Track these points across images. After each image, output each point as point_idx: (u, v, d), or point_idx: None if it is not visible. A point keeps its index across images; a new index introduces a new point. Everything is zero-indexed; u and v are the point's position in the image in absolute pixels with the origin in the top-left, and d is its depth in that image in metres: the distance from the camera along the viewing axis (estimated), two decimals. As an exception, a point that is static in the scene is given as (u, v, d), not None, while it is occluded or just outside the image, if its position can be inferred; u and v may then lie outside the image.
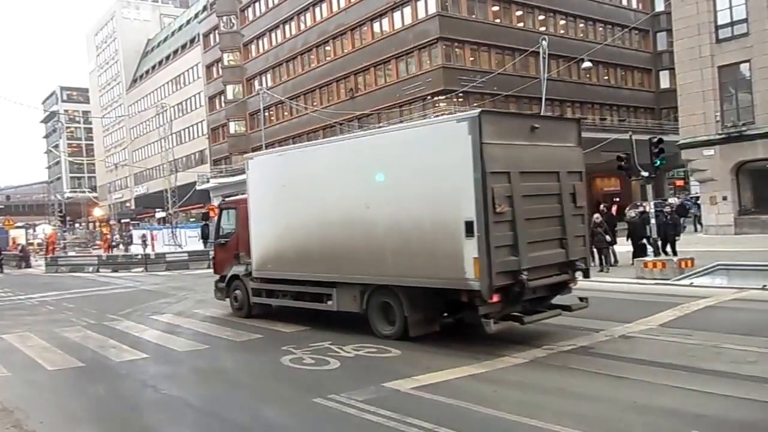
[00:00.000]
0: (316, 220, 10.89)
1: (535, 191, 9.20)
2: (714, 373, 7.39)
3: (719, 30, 24.49)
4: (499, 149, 8.75)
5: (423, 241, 9.25)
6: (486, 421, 6.19)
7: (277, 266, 11.83)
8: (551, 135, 9.77)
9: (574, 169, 9.92)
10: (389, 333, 9.93)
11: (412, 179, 9.41)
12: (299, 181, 11.35)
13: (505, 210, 8.63)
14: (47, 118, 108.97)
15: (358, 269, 10.22)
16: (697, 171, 26.37)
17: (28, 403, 7.61)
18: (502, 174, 8.72)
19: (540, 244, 9.22)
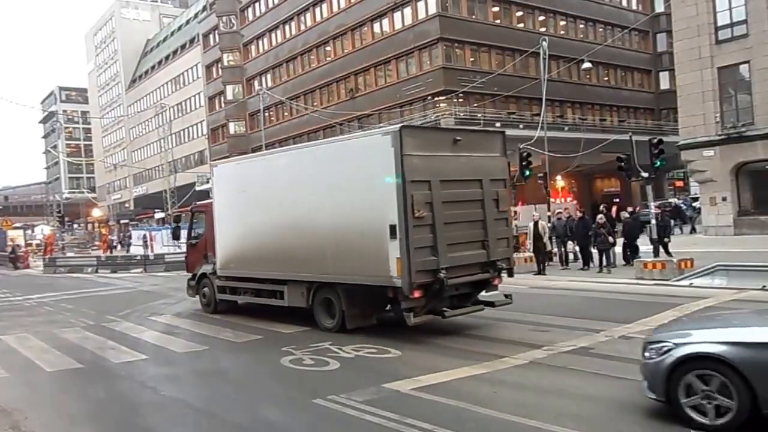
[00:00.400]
0: (270, 224, 11.98)
1: (456, 198, 10.10)
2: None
3: (719, 31, 24.50)
4: (420, 160, 9.71)
5: (356, 242, 10.22)
6: (486, 422, 6.18)
7: (238, 265, 12.89)
8: (475, 146, 10.82)
9: (497, 177, 10.82)
10: (330, 326, 10.85)
11: (346, 187, 10.47)
12: (256, 188, 12.44)
13: (424, 215, 9.56)
14: (46, 118, 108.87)
15: (304, 268, 11.20)
16: (696, 172, 26.38)
17: (27, 404, 7.60)
18: (422, 182, 9.65)
19: (460, 245, 10.10)
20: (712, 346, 5.65)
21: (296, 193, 11.44)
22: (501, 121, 38.21)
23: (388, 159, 9.55)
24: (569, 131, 40.54)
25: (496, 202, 10.62)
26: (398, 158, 9.46)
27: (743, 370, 5.36)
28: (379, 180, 9.77)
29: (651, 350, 6.08)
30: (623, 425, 6.00)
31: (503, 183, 11.02)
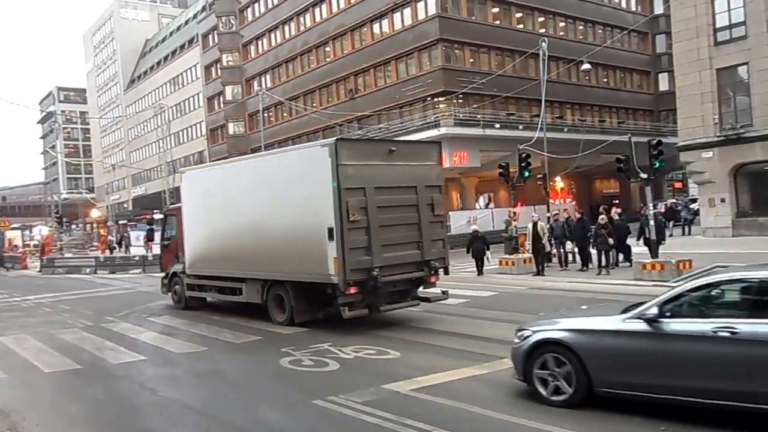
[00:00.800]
0: (230, 227, 13.07)
1: (391, 203, 11.05)
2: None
3: (718, 33, 24.50)
4: (354, 169, 10.65)
5: (300, 244, 11.25)
6: (484, 423, 6.18)
7: (204, 265, 14.01)
8: (411, 156, 11.89)
9: (433, 183, 11.85)
10: (281, 320, 11.85)
11: (291, 194, 11.48)
12: (218, 194, 13.50)
13: (359, 219, 10.51)
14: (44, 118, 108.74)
15: (259, 268, 12.27)
16: (695, 173, 26.38)
17: (25, 405, 7.59)
18: (357, 189, 10.59)
19: (395, 246, 11.04)
20: (557, 332, 6.62)
21: (250, 199, 12.54)
22: (500, 121, 38.28)
23: (325, 168, 10.49)
24: (568, 132, 40.60)
25: (431, 207, 11.59)
26: (334, 167, 10.39)
27: (578, 352, 6.33)
28: (318, 187, 10.70)
29: (517, 337, 6.97)
30: (622, 425, 6.00)
31: (438, 189, 12.02)
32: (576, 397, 6.39)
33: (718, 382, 5.69)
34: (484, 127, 37.16)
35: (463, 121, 37.05)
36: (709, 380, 5.74)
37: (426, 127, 36.91)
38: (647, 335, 6.10)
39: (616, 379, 6.27)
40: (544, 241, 18.35)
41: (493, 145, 36.67)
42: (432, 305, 12.46)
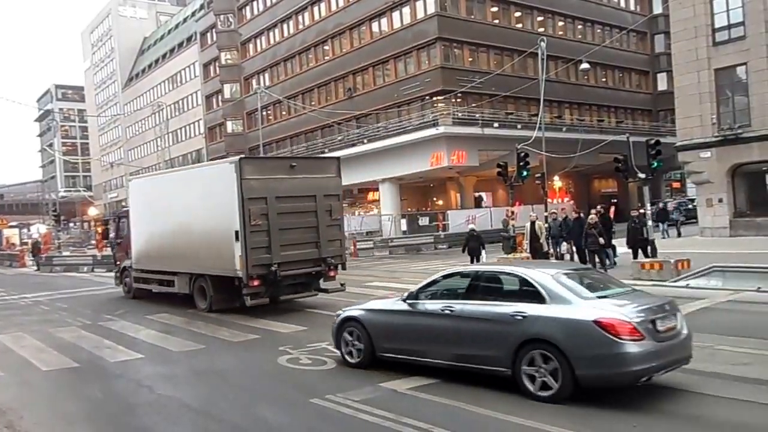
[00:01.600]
0: (165, 229, 15.14)
1: (291, 209, 13.04)
2: (708, 375, 7.40)
3: (716, 33, 24.53)
4: (257, 182, 12.69)
5: (215, 244, 13.29)
6: (482, 422, 6.19)
7: (146, 261, 16.12)
8: (311, 170, 14.09)
9: (331, 192, 13.92)
10: (204, 307, 14.02)
11: (209, 202, 13.53)
12: (156, 201, 15.63)
13: (260, 223, 12.53)
14: (42, 116, 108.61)
15: (186, 264, 14.44)
16: (693, 173, 26.41)
17: (22, 403, 7.57)
18: (259, 199, 12.58)
19: (294, 245, 13.09)
20: (356, 311, 8.61)
21: (179, 206, 14.59)
22: (499, 121, 38.30)
23: (231, 182, 12.53)
24: (567, 132, 40.64)
25: (329, 212, 13.69)
26: (239, 181, 12.42)
27: (366, 325, 8.28)
28: (227, 197, 12.72)
29: (335, 315, 8.95)
30: (617, 425, 6.01)
31: (337, 197, 14.19)
32: (363, 360, 8.26)
33: (446, 347, 7.49)
34: (482, 126, 37.18)
35: (461, 120, 37.07)
36: (441, 346, 7.54)
37: (424, 126, 36.93)
38: (407, 312, 8.00)
39: (389, 346, 8.09)
40: (542, 240, 18.34)
41: (492, 145, 36.70)
42: None
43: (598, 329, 6.34)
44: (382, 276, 20.49)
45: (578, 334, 6.51)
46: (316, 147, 45.79)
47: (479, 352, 7.18)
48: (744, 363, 7.82)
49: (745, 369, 7.56)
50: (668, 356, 6.59)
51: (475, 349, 7.21)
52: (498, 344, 6.96)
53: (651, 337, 6.41)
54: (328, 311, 13.05)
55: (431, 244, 31.97)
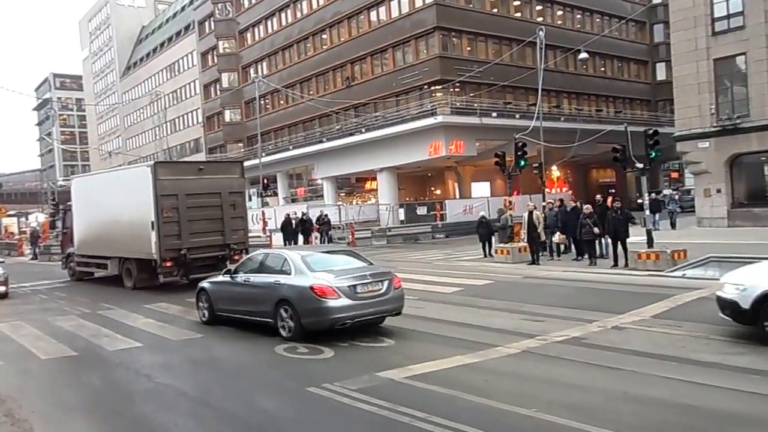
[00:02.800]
0: (100, 220, 18.18)
1: (199, 204, 16.11)
2: (704, 364, 7.46)
3: (715, 23, 24.44)
4: (169, 182, 15.85)
5: (137, 232, 16.26)
6: (479, 411, 6.22)
7: (86, 247, 19.10)
8: (217, 171, 17.53)
9: (235, 190, 17.10)
10: (130, 285, 16.90)
11: (132, 198, 16.49)
12: (93, 196, 18.70)
13: (171, 215, 15.67)
14: (40, 105, 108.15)
15: (116, 249, 17.24)
16: (691, 163, 26.40)
17: (21, 392, 7.61)
18: (170, 195, 15.71)
19: (201, 233, 16.16)
20: (206, 284, 11.53)
21: (111, 200, 17.55)
22: (497, 110, 38.23)
23: (148, 182, 15.70)
24: (565, 121, 40.58)
25: (233, 207, 16.84)
26: (154, 181, 15.59)
27: (209, 293, 11.30)
28: (145, 194, 15.75)
29: None
30: (616, 415, 6.01)
31: (240, 194, 17.45)
32: (208, 318, 11.31)
33: (244, 305, 10.49)
34: (481, 115, 37.09)
35: (459, 109, 36.99)
36: (243, 305, 10.54)
37: (422, 115, 36.85)
38: (228, 283, 10.92)
39: (222, 307, 11.01)
40: (539, 230, 18.31)
41: (490, 134, 36.65)
42: (426, 294, 13.24)
43: (311, 292, 9.28)
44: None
45: (302, 296, 9.42)
46: (314, 136, 45.70)
47: (258, 309, 10.13)
48: (739, 353, 7.86)
49: (740, 359, 7.60)
50: (363, 309, 9.40)
51: (256, 306, 10.19)
52: (267, 303, 9.91)
53: (347, 297, 9.26)
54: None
55: (429, 233, 31.98)
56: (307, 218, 29.55)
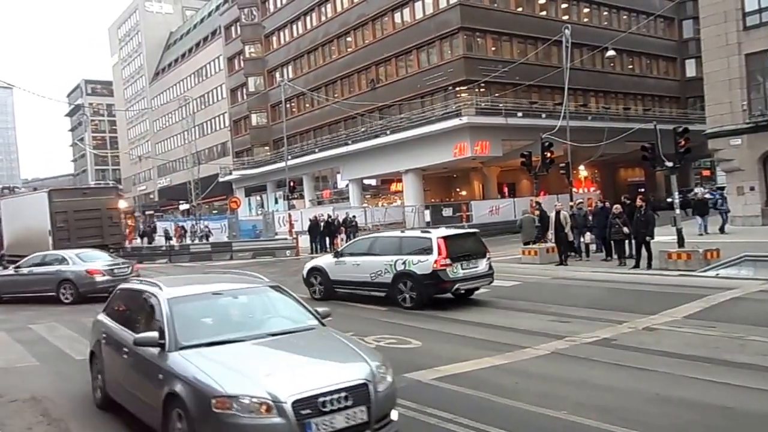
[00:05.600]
0: (19, 229, 24.68)
1: (84, 217, 23.06)
2: (738, 366, 7.31)
3: (747, 17, 23.93)
4: (61, 203, 22.97)
5: (42, 237, 22.46)
6: (507, 412, 6.18)
7: (12, 249, 24.29)
8: (97, 194, 26.10)
9: (111, 207, 24.52)
10: None
11: (38, 213, 23.17)
12: (15, 211, 25.68)
13: (63, 226, 22.56)
14: (72, 111, 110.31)
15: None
16: (723, 161, 25.88)
17: (57, 392, 7.78)
18: (62, 212, 22.75)
19: (85, 237, 22.30)
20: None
21: (25, 215, 24.37)
22: (523, 110, 37.93)
23: (45, 203, 23.03)
24: (593, 120, 40.07)
25: (110, 218, 24.11)
26: (49, 203, 22.89)
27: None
28: (44, 212, 22.89)
29: None
30: (647, 417, 5.93)
31: (116, 210, 25.03)
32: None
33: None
34: (506, 116, 36.85)
35: (485, 110, 36.79)
36: None
37: (447, 116, 36.73)
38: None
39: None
40: (566, 230, 18.11)
41: (516, 134, 36.37)
42: None
43: (86, 273, 15.63)
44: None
45: (78, 276, 15.66)
46: (339, 138, 45.88)
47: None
48: (775, 354, 7.69)
49: (776, 360, 7.43)
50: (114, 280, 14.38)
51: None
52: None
53: (107, 275, 15.68)
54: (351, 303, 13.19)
55: (456, 234, 31.76)
56: (333, 220, 29.74)
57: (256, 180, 56.13)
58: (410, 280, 12.16)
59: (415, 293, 12.10)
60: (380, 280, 12.72)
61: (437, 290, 12.12)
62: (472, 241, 13.14)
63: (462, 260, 12.17)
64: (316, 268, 14.20)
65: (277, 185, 52.40)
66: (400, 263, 12.36)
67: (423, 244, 12.39)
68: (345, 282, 13.59)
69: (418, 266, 12.09)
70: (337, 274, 13.67)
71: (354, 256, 13.55)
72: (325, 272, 13.89)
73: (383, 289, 12.73)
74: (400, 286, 12.31)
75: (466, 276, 12.19)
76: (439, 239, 12.19)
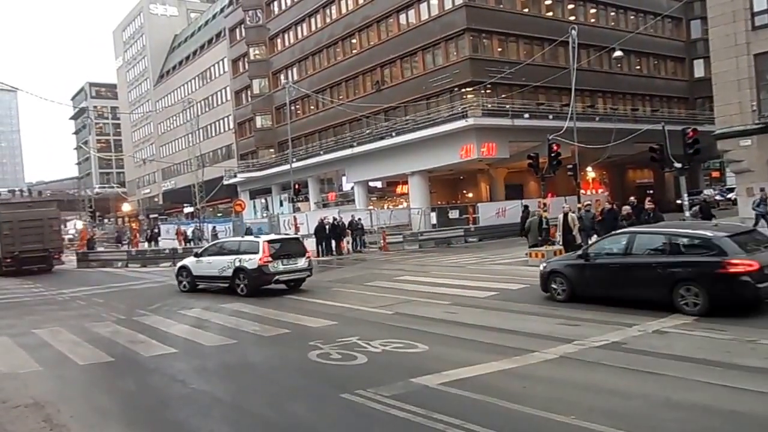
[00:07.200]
0: None
1: (28, 226, 27.27)
2: (749, 369, 7.23)
3: (755, 17, 23.70)
4: (8, 214, 27.98)
5: None
6: (515, 418, 6.09)
7: None
8: (40, 206, 30.57)
9: (52, 216, 29.03)
10: None
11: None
12: None
13: (9, 233, 27.19)
14: (77, 114, 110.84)
15: None
16: (732, 162, 25.63)
17: (59, 397, 7.71)
18: (9, 222, 27.41)
19: (29, 243, 27.17)
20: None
21: None
22: (529, 111, 37.77)
23: None
24: (600, 121, 39.86)
25: (51, 227, 28.09)
26: None
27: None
28: None
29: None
30: (657, 422, 5.84)
31: (56, 219, 29.66)
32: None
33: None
34: (512, 117, 36.68)
35: (491, 111, 36.65)
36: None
37: (453, 118, 36.60)
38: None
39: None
40: (574, 232, 17.97)
41: (523, 136, 36.20)
42: (460, 299, 13.16)
43: None
44: (412, 270, 20.41)
45: None
46: (344, 140, 45.83)
47: None
48: (788, 358, 7.56)
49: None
50: None
51: None
52: None
53: None
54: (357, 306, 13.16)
55: (461, 237, 31.73)
56: (339, 223, 29.66)
57: (260, 182, 56.16)
58: (243, 273, 15.78)
59: (247, 283, 15.68)
60: (225, 274, 16.26)
61: (262, 281, 15.71)
62: (293, 244, 17.05)
63: (283, 258, 15.86)
64: (183, 267, 17.64)
65: (282, 188, 52.39)
66: (238, 261, 15.98)
67: (254, 246, 16.07)
68: (203, 276, 17.09)
69: (248, 263, 15.70)
70: (198, 270, 17.11)
71: (209, 256, 17.10)
72: (189, 269, 17.28)
73: (227, 281, 16.24)
74: (237, 278, 15.92)
75: (285, 270, 15.89)
76: (264, 242, 16.03)
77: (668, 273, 10.32)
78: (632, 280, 10.95)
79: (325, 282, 18.54)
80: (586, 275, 11.84)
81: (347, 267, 23.36)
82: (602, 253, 11.77)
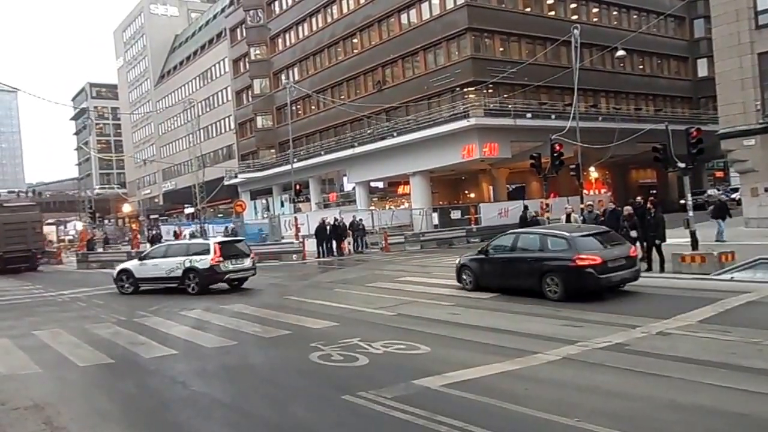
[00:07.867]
0: None
1: (13, 228, 29.80)
2: (754, 371, 7.15)
3: (759, 16, 23.62)
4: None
5: None
6: (517, 420, 6.04)
7: None
8: (23, 210, 32.77)
9: (34, 219, 31.71)
10: None
11: None
12: None
13: None
14: (77, 115, 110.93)
15: None
16: (736, 161, 25.54)
17: (59, 399, 7.66)
18: None
19: (13, 243, 29.72)
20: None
21: None
22: (532, 111, 37.70)
23: None
24: (603, 121, 39.80)
25: (34, 229, 30.80)
26: None
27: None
28: None
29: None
30: (661, 424, 5.77)
31: (39, 222, 32.51)
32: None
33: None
34: (515, 117, 36.62)
35: (493, 111, 36.59)
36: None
37: (455, 117, 36.56)
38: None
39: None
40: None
41: (525, 136, 36.15)
42: (462, 299, 13.19)
43: None
44: (413, 271, 20.36)
45: None
46: (346, 141, 45.79)
47: None
48: (794, 360, 7.48)
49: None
50: None
51: None
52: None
53: None
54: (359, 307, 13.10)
55: (463, 237, 31.66)
56: (340, 223, 29.59)
57: (261, 183, 56.14)
58: (194, 273, 16.73)
59: (198, 282, 16.62)
60: (174, 275, 17.08)
61: (213, 280, 16.86)
62: (240, 246, 18.19)
63: (232, 258, 17.03)
64: (125, 270, 18.11)
65: (283, 188, 52.37)
66: (188, 262, 16.85)
67: (204, 248, 17.15)
68: (147, 278, 17.66)
69: (200, 263, 16.69)
70: (141, 273, 17.69)
71: (154, 258, 17.81)
72: (131, 272, 17.84)
73: (176, 281, 17.13)
74: (187, 278, 16.80)
75: (234, 269, 17.08)
76: (215, 244, 17.19)
77: (538, 266, 12.60)
78: (515, 272, 13.22)
79: (327, 283, 18.48)
80: (486, 268, 14.01)
81: (348, 268, 23.31)
82: (497, 249, 13.92)
